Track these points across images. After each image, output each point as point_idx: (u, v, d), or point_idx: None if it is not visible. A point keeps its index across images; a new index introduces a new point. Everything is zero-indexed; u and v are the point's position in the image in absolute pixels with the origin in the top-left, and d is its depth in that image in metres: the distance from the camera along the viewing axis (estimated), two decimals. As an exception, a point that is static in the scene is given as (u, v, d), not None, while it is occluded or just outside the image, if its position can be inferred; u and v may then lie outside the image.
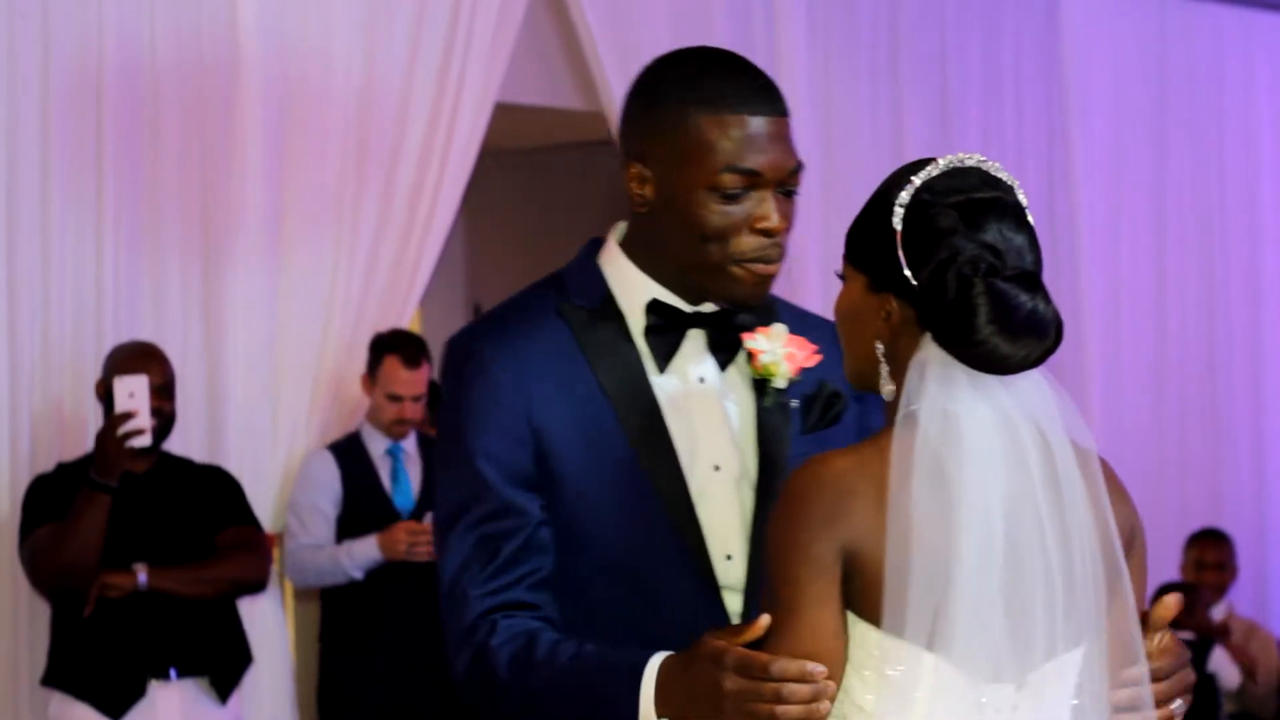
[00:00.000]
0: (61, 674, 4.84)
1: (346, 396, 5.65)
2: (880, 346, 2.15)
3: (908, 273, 2.10)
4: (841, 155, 6.86)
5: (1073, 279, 7.53)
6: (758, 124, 2.32)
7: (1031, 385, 2.12)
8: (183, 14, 5.38)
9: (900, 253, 2.10)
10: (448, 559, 2.35)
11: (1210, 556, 7.19)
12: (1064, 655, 2.10)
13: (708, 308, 2.40)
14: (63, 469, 4.90)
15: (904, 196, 2.12)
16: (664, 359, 2.38)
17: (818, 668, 2.05)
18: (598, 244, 2.47)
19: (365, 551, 5.42)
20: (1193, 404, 7.93)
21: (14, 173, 5.13)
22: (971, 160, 2.15)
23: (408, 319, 5.78)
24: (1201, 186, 8.03)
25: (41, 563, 4.78)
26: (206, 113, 5.43)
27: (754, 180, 2.32)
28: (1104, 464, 2.19)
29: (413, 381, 5.52)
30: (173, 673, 4.85)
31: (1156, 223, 7.90)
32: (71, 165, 5.21)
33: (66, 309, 5.20)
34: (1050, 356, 2.10)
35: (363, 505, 5.50)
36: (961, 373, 2.09)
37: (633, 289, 2.40)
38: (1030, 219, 2.15)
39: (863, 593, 2.07)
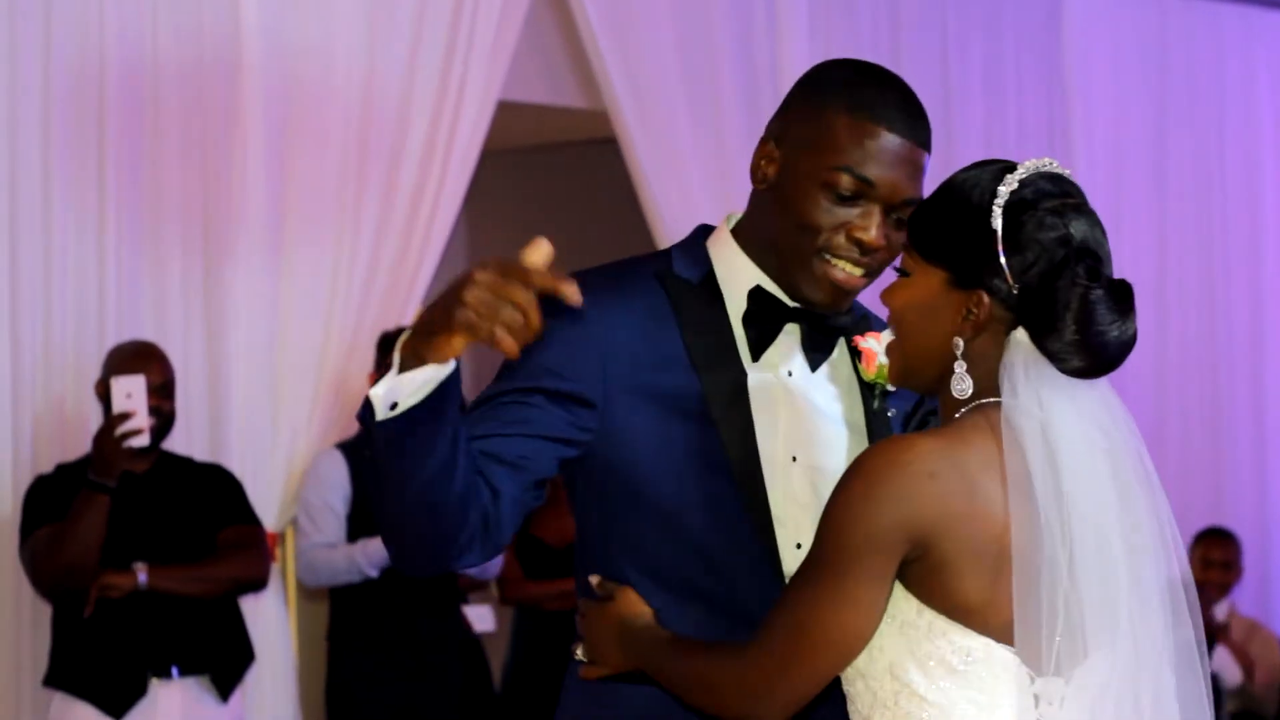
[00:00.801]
0: (63, 674, 4.84)
1: (348, 396, 5.65)
2: (960, 343, 2.16)
3: (1009, 273, 2.12)
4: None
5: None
6: (890, 140, 2.35)
7: (1106, 389, 2.18)
8: (184, 14, 5.38)
9: (1001, 252, 2.12)
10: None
11: (1217, 555, 7.20)
12: (1096, 653, 2.12)
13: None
14: (62, 470, 4.90)
15: (1003, 195, 2.14)
16: (757, 347, 2.39)
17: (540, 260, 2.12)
18: (708, 230, 2.49)
19: (380, 549, 5.41)
20: (1194, 403, 7.93)
21: (15, 173, 5.13)
22: (1054, 166, 2.19)
23: (410, 318, 5.78)
24: (1202, 184, 8.03)
25: (41, 564, 4.78)
26: (208, 113, 5.44)
27: (866, 190, 2.34)
28: None
29: None
30: (174, 671, 4.85)
31: (1157, 221, 7.89)
32: (73, 166, 5.21)
33: (68, 309, 5.20)
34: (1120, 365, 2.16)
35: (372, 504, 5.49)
36: (1051, 372, 2.12)
37: (737, 273, 2.42)
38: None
39: (930, 576, 2.09)
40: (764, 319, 2.39)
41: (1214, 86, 8.06)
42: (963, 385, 2.15)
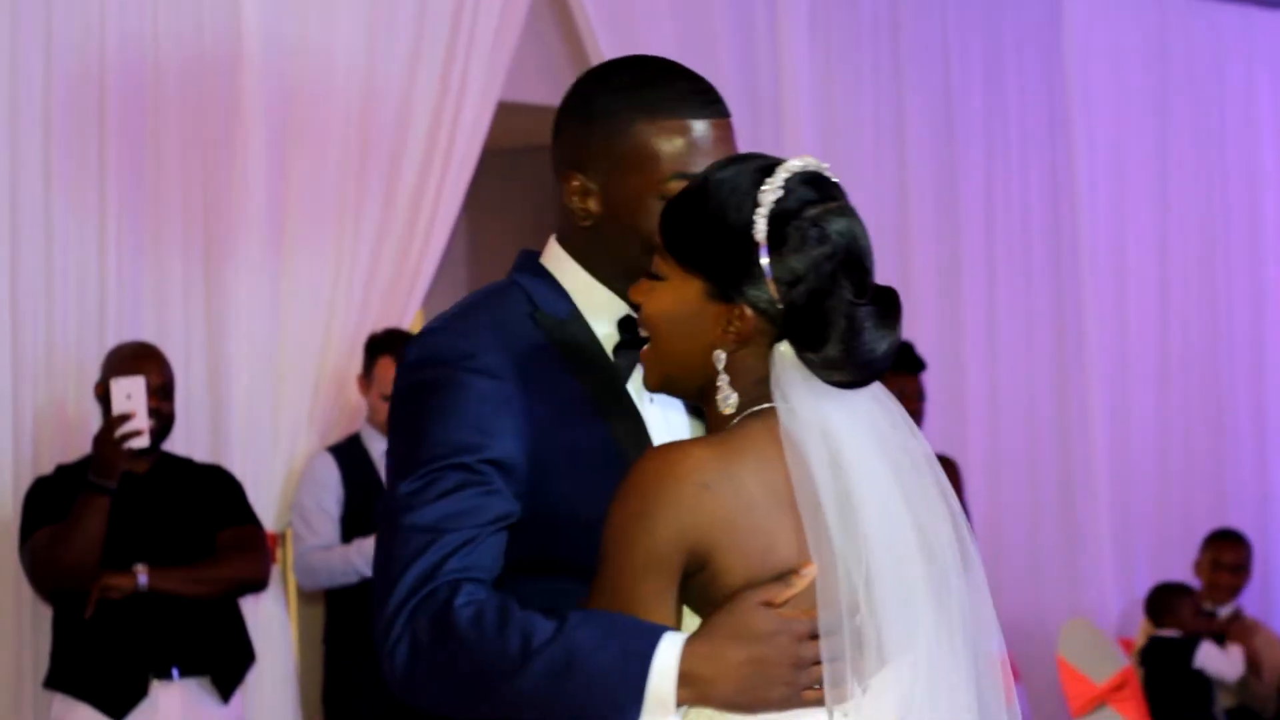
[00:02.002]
0: (63, 676, 4.83)
1: (348, 397, 5.65)
2: (722, 356, 2.09)
3: (771, 288, 2.06)
4: (843, 154, 6.85)
5: (1075, 278, 7.53)
6: (700, 128, 2.29)
7: (877, 393, 2.11)
8: (185, 14, 5.38)
9: (766, 267, 2.06)
10: (409, 503, 2.24)
11: (1228, 558, 7.19)
12: (896, 661, 2.05)
13: None
14: (62, 471, 4.90)
15: (765, 204, 2.07)
16: (628, 373, 2.33)
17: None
18: (532, 257, 2.43)
19: (373, 548, 5.40)
20: (1196, 403, 7.93)
21: (16, 173, 5.13)
22: (811, 164, 2.11)
23: (410, 319, 5.78)
24: (1203, 184, 8.04)
25: (42, 565, 4.77)
26: (209, 113, 5.43)
27: None
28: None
29: None
30: (175, 672, 4.84)
31: (1158, 221, 7.89)
32: (74, 166, 5.21)
33: (69, 310, 5.20)
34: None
35: (364, 505, 5.50)
36: (819, 382, 2.06)
37: (599, 303, 2.35)
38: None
39: (708, 591, 2.03)
40: (633, 346, 2.32)
41: (1214, 86, 8.06)
42: (729, 399, 2.09)
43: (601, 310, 2.35)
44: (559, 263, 2.40)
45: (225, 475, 5.10)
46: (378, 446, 5.60)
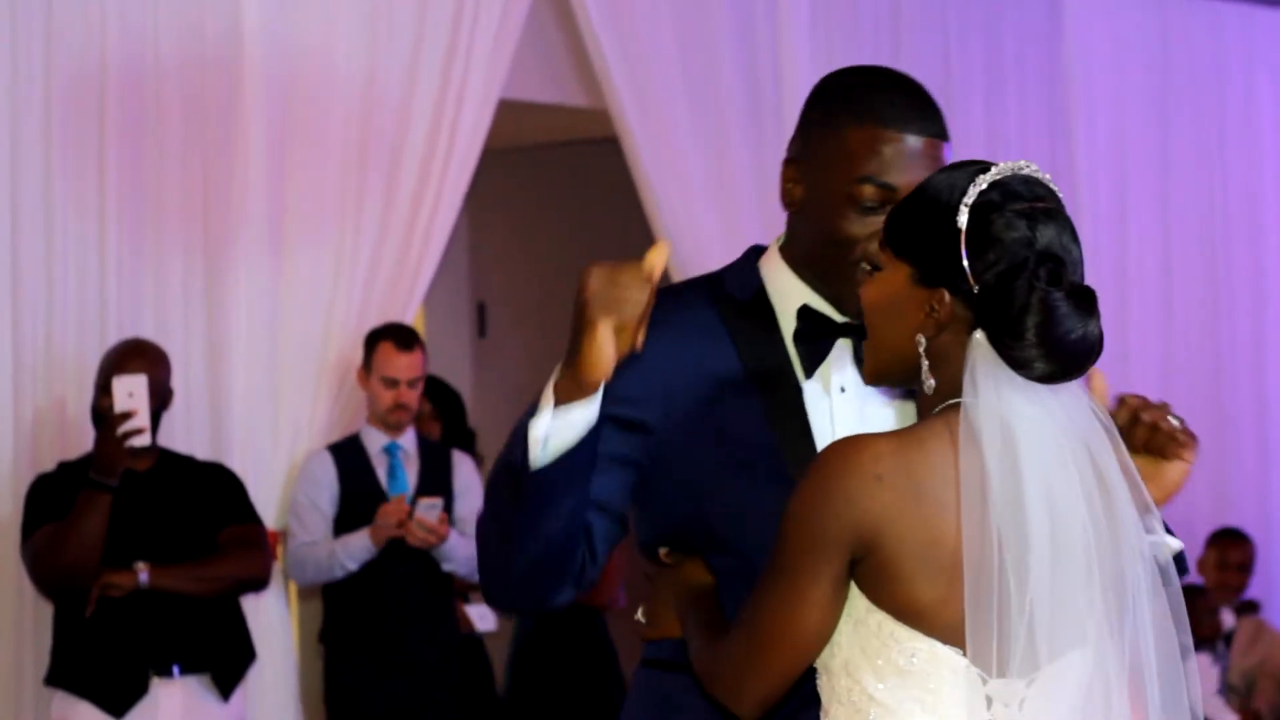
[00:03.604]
0: (64, 673, 4.84)
1: (349, 395, 5.65)
2: (923, 340, 2.15)
3: (970, 273, 2.11)
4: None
5: (1076, 276, 7.52)
6: (906, 142, 2.36)
7: (1075, 395, 2.15)
8: (186, 12, 5.38)
9: (964, 251, 2.11)
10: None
11: (1233, 557, 7.19)
12: (1069, 654, 2.11)
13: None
14: (64, 468, 4.90)
15: (971, 195, 2.13)
16: (810, 364, 2.40)
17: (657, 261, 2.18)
18: (760, 250, 2.51)
19: (357, 542, 5.42)
20: (1197, 402, 7.91)
21: (17, 171, 5.13)
22: (1030, 169, 2.18)
23: (410, 318, 5.78)
24: (1204, 183, 8.03)
25: (43, 563, 4.77)
26: (209, 111, 5.43)
27: (890, 196, 2.34)
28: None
29: (407, 365, 5.51)
30: (175, 670, 4.85)
31: (1160, 220, 7.89)
32: (74, 164, 5.21)
33: (69, 308, 5.20)
34: (1085, 372, 2.14)
35: (359, 503, 5.50)
36: (1011, 375, 2.10)
37: (786, 291, 2.44)
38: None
39: (876, 577, 2.09)
40: (815, 336, 2.41)
41: (1215, 85, 8.06)
42: (929, 382, 2.15)
43: (786, 297, 2.43)
44: (769, 255, 2.49)
45: (227, 473, 5.10)
46: (376, 444, 5.60)
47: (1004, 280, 2.10)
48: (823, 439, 2.36)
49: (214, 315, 5.44)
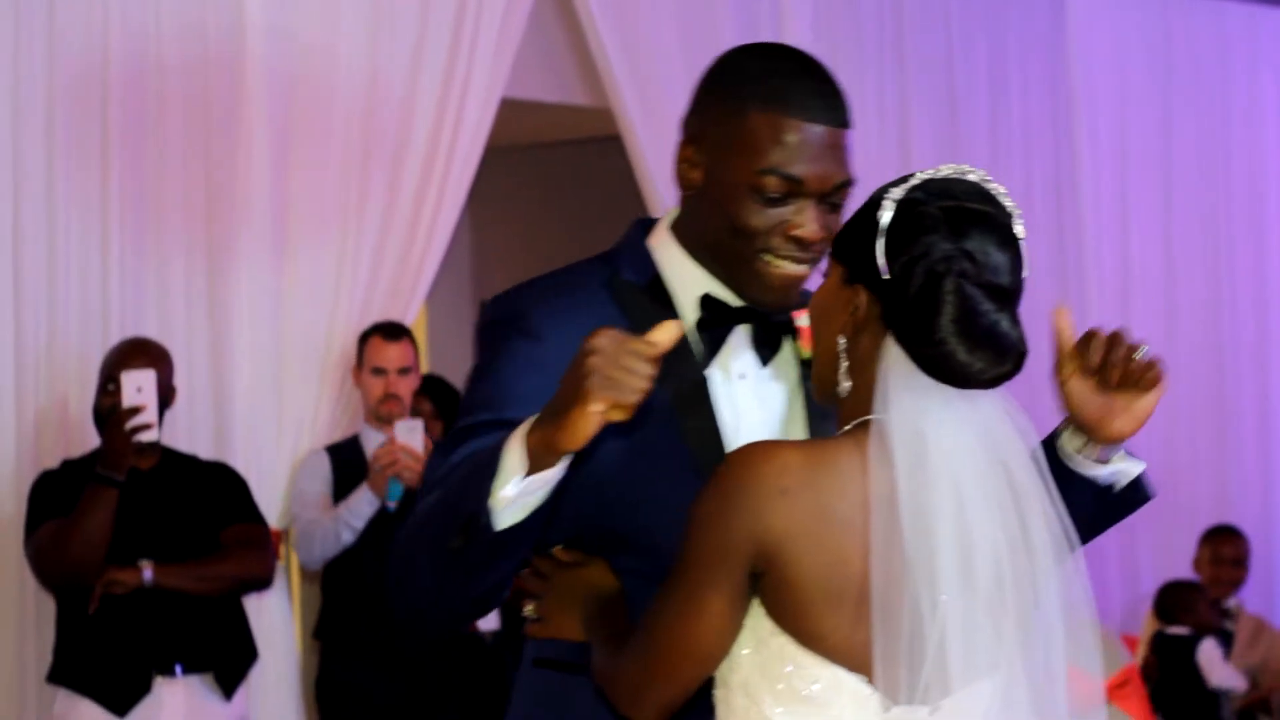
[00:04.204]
0: (67, 671, 4.84)
1: (352, 393, 5.65)
2: (843, 341, 2.10)
3: (882, 263, 2.05)
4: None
5: (1079, 276, 7.53)
6: (812, 132, 2.28)
7: (993, 407, 2.07)
8: (188, 11, 5.38)
9: (879, 245, 2.06)
10: (430, 469, 2.31)
11: (1227, 552, 7.19)
12: (979, 683, 2.05)
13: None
14: (68, 465, 4.90)
15: (897, 193, 2.08)
16: (710, 352, 2.35)
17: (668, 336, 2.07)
18: (647, 225, 2.44)
19: (358, 497, 5.40)
20: (1200, 402, 7.92)
21: (19, 170, 5.13)
22: (975, 175, 2.12)
23: (413, 316, 5.78)
24: (1207, 183, 8.03)
25: (48, 558, 4.77)
26: (212, 109, 5.43)
27: (796, 188, 2.28)
28: None
29: (395, 355, 5.51)
30: (178, 669, 4.85)
31: (1163, 221, 7.89)
32: (77, 162, 5.21)
33: (72, 306, 5.20)
34: (1006, 381, 2.05)
35: None
36: (928, 384, 2.04)
37: (685, 278, 2.37)
38: (1020, 243, 2.10)
39: (777, 595, 2.03)
40: (715, 323, 2.34)
41: (1218, 85, 8.06)
42: (845, 384, 2.09)
43: (685, 285, 2.37)
44: (660, 232, 2.42)
45: (230, 473, 5.10)
46: (373, 445, 5.59)
47: (913, 272, 2.03)
48: (728, 427, 2.32)
49: (216, 313, 5.44)
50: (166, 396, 4.92)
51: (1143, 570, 7.67)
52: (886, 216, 2.07)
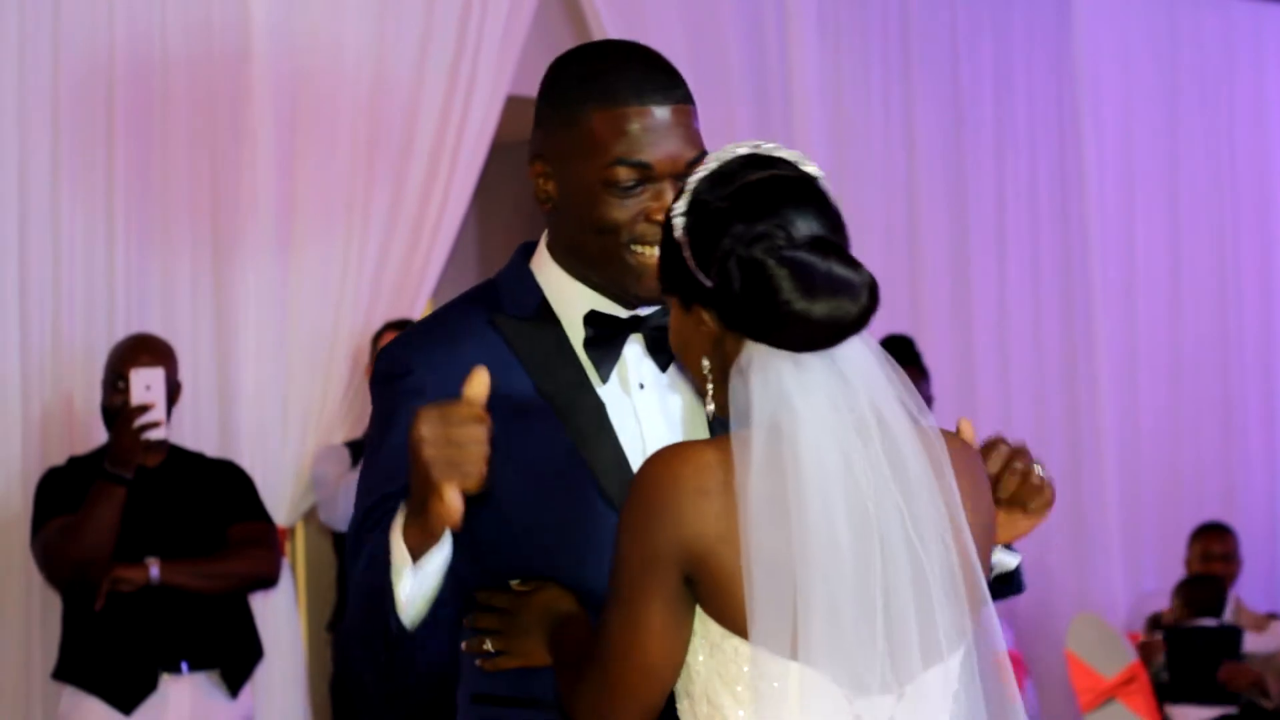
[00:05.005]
0: (73, 668, 4.84)
1: (358, 389, 5.66)
2: (706, 363, 2.07)
3: (699, 276, 2.03)
4: (853, 154, 6.86)
5: (1085, 276, 7.52)
6: (650, 115, 2.28)
7: (859, 362, 2.03)
8: (193, 8, 5.39)
9: (689, 260, 2.04)
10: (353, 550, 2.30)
11: (1217, 549, 7.19)
12: (947, 661, 2.02)
13: (644, 311, 2.35)
14: (75, 462, 4.90)
15: (680, 205, 2.07)
16: (605, 368, 2.33)
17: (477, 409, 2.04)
18: (530, 249, 2.42)
19: None
20: (1205, 400, 7.93)
21: (25, 167, 5.14)
22: (742, 149, 2.10)
23: (419, 312, 5.79)
24: (1213, 181, 8.03)
25: (55, 555, 4.78)
26: (217, 107, 5.44)
27: (647, 173, 2.28)
28: (962, 443, 2.12)
29: None
30: (184, 666, 4.85)
31: (1169, 218, 7.89)
32: (82, 160, 5.21)
33: (77, 304, 5.21)
34: (868, 319, 2.00)
35: None
36: (784, 361, 2.00)
37: (568, 297, 2.35)
38: (822, 189, 2.07)
39: (713, 598, 2.00)
40: (605, 339, 2.33)
41: (1224, 83, 8.05)
42: (708, 406, 2.06)
43: (570, 305, 2.35)
44: (540, 257, 2.40)
45: (237, 470, 5.10)
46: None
47: (729, 271, 2.00)
48: (631, 442, 2.29)
49: (222, 310, 5.44)
50: (174, 393, 4.93)
51: (1147, 570, 7.67)
52: (680, 232, 2.06)
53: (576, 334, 2.34)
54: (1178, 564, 7.32)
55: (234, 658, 4.95)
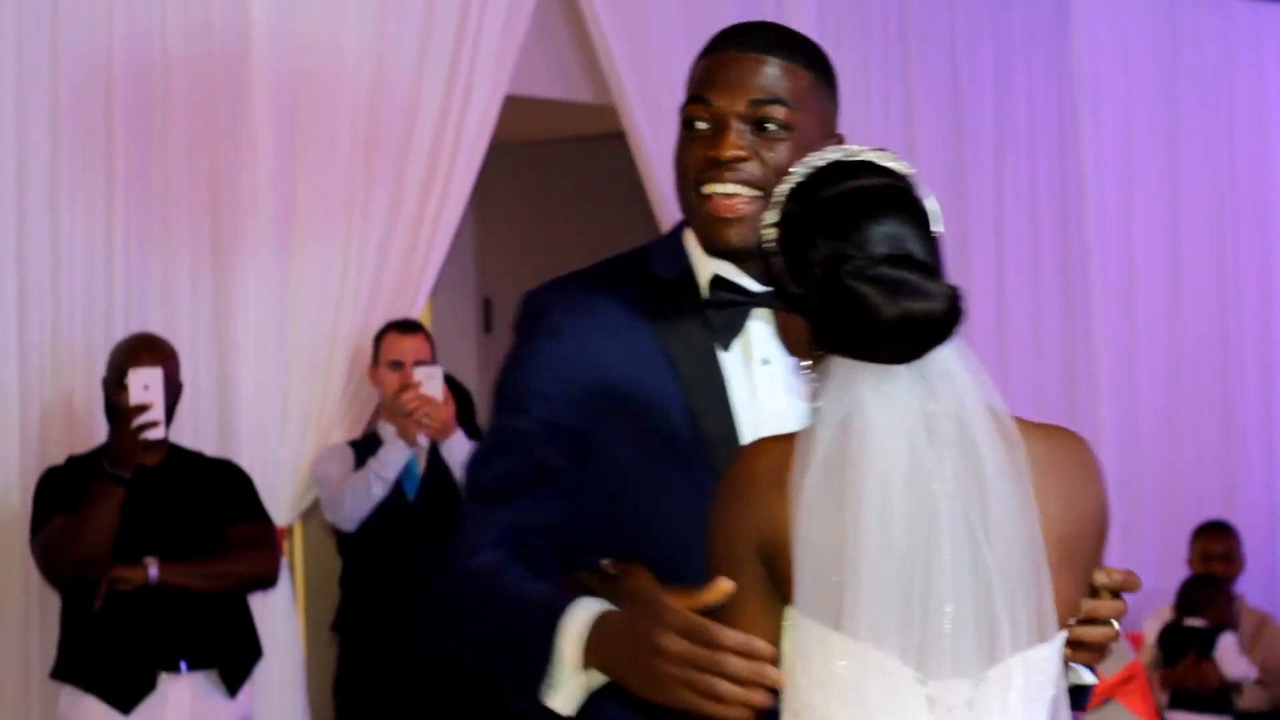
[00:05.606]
0: (71, 667, 4.84)
1: (357, 389, 5.66)
2: (804, 364, 2.11)
3: (791, 287, 2.07)
4: (852, 151, 6.84)
5: (1084, 276, 7.52)
6: (720, 58, 2.32)
7: (944, 367, 2.05)
8: (192, 7, 5.38)
9: (781, 270, 2.08)
10: (473, 480, 2.34)
11: (1218, 548, 7.19)
12: (1029, 651, 2.04)
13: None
14: (74, 461, 4.90)
15: (771, 215, 2.10)
16: (725, 336, 2.34)
17: (763, 646, 1.97)
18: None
19: (386, 451, 5.45)
20: (1205, 400, 7.93)
21: (24, 167, 5.13)
22: (833, 155, 2.12)
23: (418, 311, 5.79)
24: (1213, 181, 8.03)
25: (54, 554, 4.78)
26: (216, 106, 5.44)
27: (710, 110, 2.30)
28: (1072, 441, 2.13)
29: (411, 348, 5.54)
30: (183, 666, 4.85)
31: (1169, 219, 7.89)
32: (81, 159, 5.21)
33: (76, 303, 5.21)
34: (949, 329, 2.02)
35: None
36: (866, 370, 2.03)
37: (701, 265, 2.37)
38: (906, 192, 2.09)
39: (787, 582, 2.03)
40: (726, 305, 2.34)
41: (1224, 83, 8.05)
42: (810, 405, 2.08)
43: (703, 272, 2.37)
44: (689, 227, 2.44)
45: (236, 470, 5.10)
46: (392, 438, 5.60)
47: (817, 291, 2.03)
48: (745, 414, 2.30)
49: (221, 309, 5.44)
50: (175, 393, 4.93)
51: (1146, 569, 7.66)
52: (771, 242, 2.09)
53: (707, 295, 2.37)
54: (1178, 564, 7.32)
55: (233, 657, 4.95)
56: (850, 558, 1.98)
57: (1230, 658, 6.84)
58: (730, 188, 2.29)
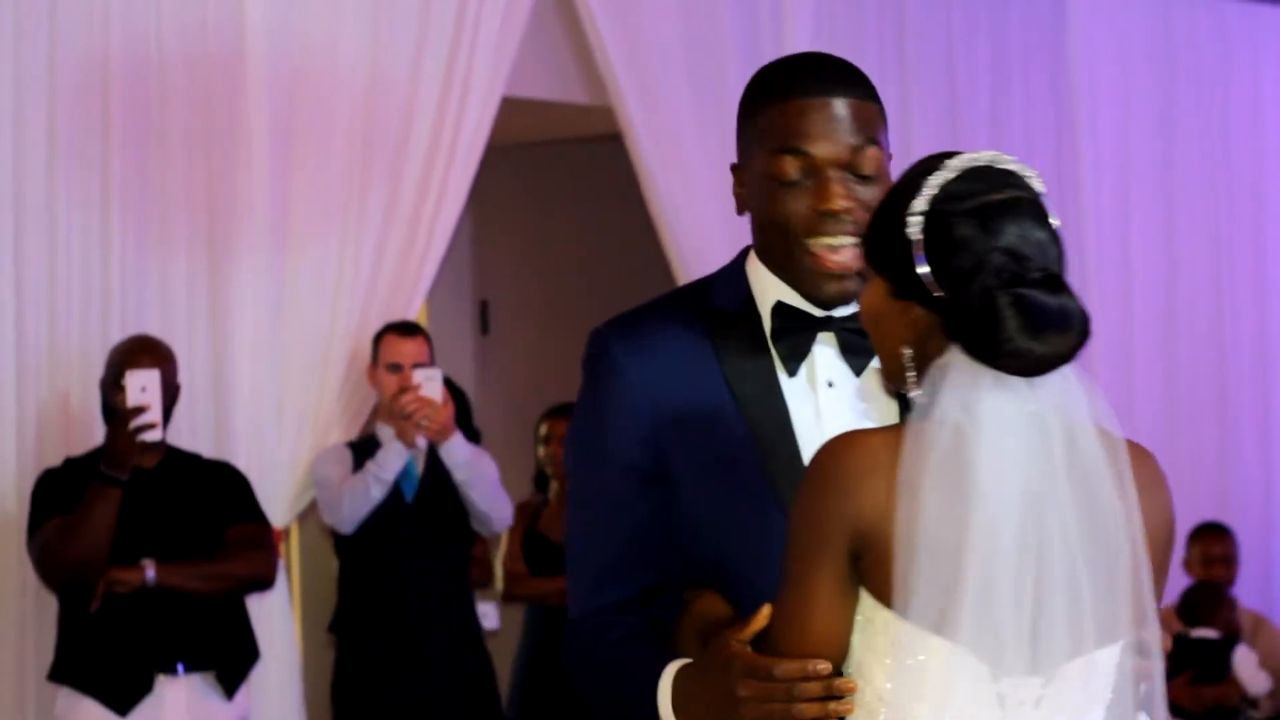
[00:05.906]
0: (68, 669, 4.84)
1: (354, 391, 5.66)
2: (908, 351, 2.11)
3: (930, 283, 2.07)
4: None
5: (1080, 275, 7.52)
6: (812, 105, 2.31)
7: (1058, 382, 2.09)
8: (189, 8, 5.38)
9: (920, 264, 2.07)
10: (569, 544, 2.41)
11: (1217, 551, 7.19)
12: (1096, 652, 2.07)
13: (840, 311, 2.35)
14: (71, 463, 4.90)
15: (919, 204, 2.09)
16: (792, 363, 2.35)
17: (821, 664, 2.06)
18: (749, 251, 2.46)
19: (384, 453, 5.45)
20: (1201, 400, 7.93)
21: (20, 167, 5.13)
22: (985, 158, 2.13)
23: (414, 313, 5.79)
24: (1209, 183, 8.03)
25: (51, 556, 4.78)
26: (213, 107, 5.44)
27: (807, 162, 2.30)
28: (1145, 455, 2.19)
29: (410, 350, 5.54)
30: (180, 668, 4.85)
31: (1165, 221, 7.89)
32: (78, 160, 5.21)
33: (73, 303, 5.21)
34: (1079, 352, 2.07)
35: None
36: (986, 374, 2.06)
37: (765, 293, 2.38)
38: (1050, 212, 2.12)
39: (873, 574, 2.05)
40: (792, 332, 2.35)
41: (1220, 85, 8.05)
42: (916, 391, 2.10)
43: (765, 298, 2.38)
44: (752, 257, 2.44)
45: (234, 472, 5.10)
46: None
47: (966, 292, 2.04)
48: (807, 439, 2.31)
49: (218, 311, 5.44)
50: (173, 394, 4.93)
51: (1144, 569, 7.66)
52: (915, 232, 2.08)
53: (769, 327, 2.38)
54: (1174, 565, 7.31)
55: (230, 659, 4.95)
56: (969, 562, 2.01)
57: (1249, 671, 6.80)
58: (839, 240, 2.31)
